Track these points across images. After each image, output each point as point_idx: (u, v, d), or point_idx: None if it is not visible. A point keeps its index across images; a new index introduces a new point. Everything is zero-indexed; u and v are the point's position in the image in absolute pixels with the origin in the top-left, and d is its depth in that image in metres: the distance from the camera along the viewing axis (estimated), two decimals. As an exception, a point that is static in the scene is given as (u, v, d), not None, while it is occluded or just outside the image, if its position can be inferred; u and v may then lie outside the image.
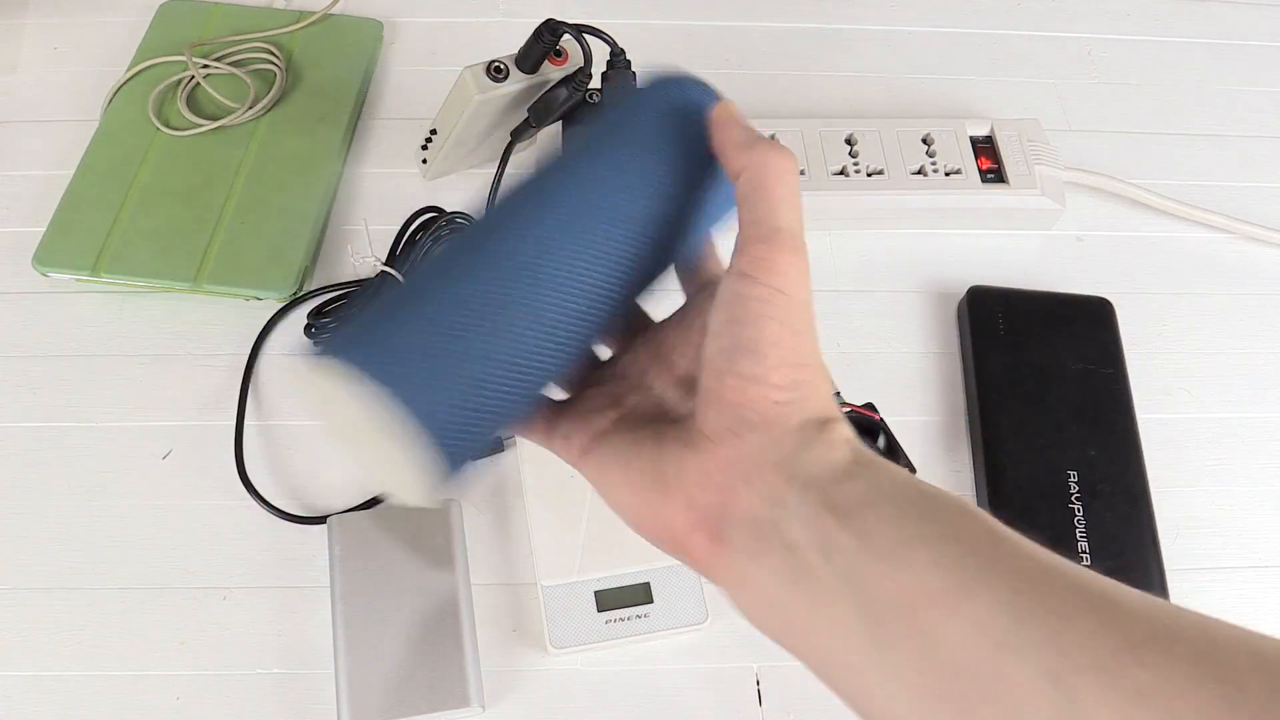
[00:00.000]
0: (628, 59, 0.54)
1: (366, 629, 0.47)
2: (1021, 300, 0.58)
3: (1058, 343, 0.57)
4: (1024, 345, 0.56)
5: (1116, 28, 0.74)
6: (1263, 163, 0.68)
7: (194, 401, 0.55)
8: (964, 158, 0.62)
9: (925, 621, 0.23)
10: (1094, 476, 0.52)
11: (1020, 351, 0.56)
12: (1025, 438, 0.53)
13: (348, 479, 0.53)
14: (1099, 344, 0.57)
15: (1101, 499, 0.52)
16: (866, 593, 0.24)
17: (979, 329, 0.57)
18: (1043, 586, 0.23)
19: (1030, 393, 0.55)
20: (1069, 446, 0.53)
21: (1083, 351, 0.56)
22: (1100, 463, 0.53)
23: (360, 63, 0.66)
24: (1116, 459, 0.53)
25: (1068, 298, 0.59)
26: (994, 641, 0.22)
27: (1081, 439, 0.53)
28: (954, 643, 0.23)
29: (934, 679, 0.23)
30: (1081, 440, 0.53)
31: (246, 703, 0.47)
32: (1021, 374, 0.55)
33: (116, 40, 0.68)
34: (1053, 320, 0.57)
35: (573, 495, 0.51)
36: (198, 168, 0.60)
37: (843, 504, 0.25)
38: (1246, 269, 0.64)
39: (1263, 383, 0.59)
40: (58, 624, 0.49)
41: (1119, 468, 0.53)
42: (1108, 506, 0.51)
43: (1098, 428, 0.54)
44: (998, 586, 0.23)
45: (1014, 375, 0.55)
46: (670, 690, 0.49)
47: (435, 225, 0.57)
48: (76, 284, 0.57)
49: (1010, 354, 0.56)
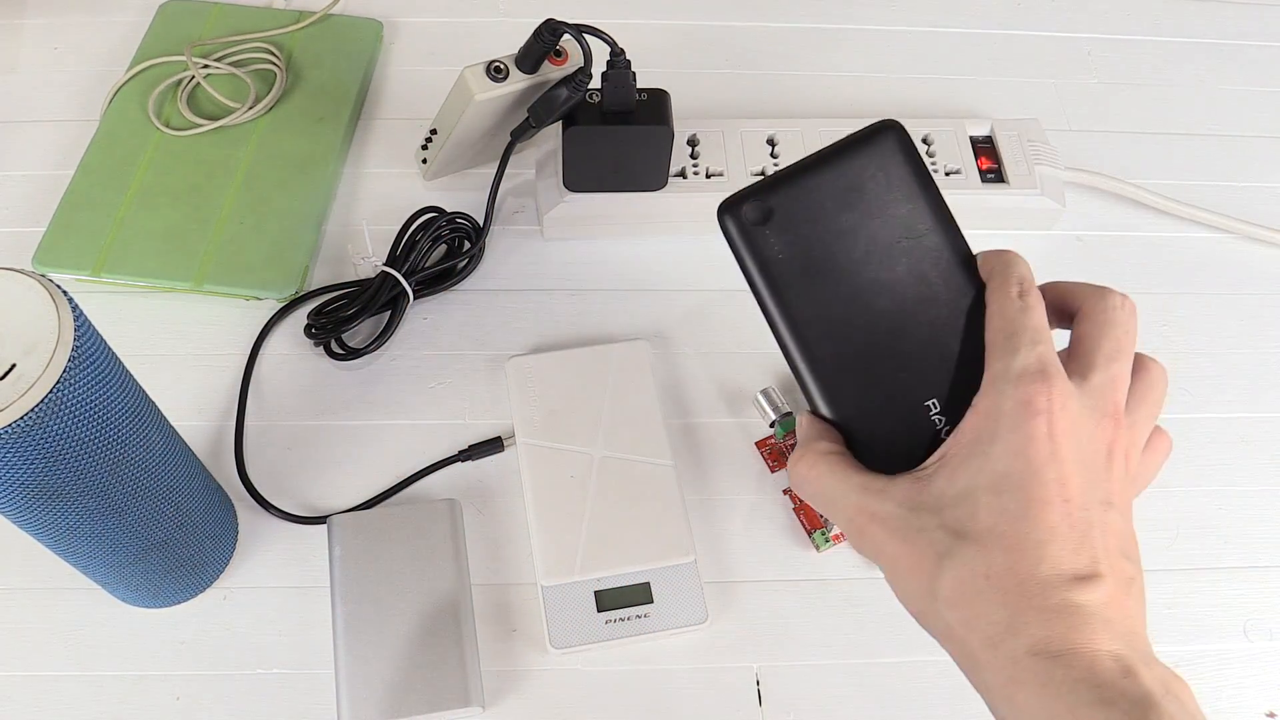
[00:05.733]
0: (628, 59, 0.54)
1: (366, 629, 0.47)
2: (786, 194, 0.52)
3: (849, 231, 0.47)
4: (808, 253, 0.50)
5: (1116, 28, 0.74)
6: (1263, 163, 0.68)
7: (194, 401, 0.55)
8: (964, 158, 0.62)
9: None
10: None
11: (809, 271, 0.50)
12: (866, 378, 0.46)
13: (348, 479, 0.53)
14: (900, 198, 0.52)
15: None
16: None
17: (755, 253, 0.49)
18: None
19: (840, 314, 0.48)
20: (914, 367, 0.47)
21: (887, 221, 0.52)
22: None
23: (360, 63, 0.66)
24: None
25: (836, 156, 0.53)
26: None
27: (927, 352, 0.46)
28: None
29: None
30: (929, 361, 0.46)
31: (246, 703, 0.47)
32: (823, 297, 0.48)
33: (116, 40, 0.68)
34: (833, 197, 0.50)
35: (573, 495, 0.51)
36: (198, 168, 0.60)
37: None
38: (1246, 269, 0.64)
39: (1263, 382, 0.59)
40: (57, 624, 0.49)
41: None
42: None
43: (940, 317, 0.49)
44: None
45: (813, 303, 0.47)
46: (670, 690, 0.49)
47: (435, 225, 0.57)
48: (76, 284, 0.57)
49: (800, 273, 0.50)
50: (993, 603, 0.31)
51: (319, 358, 0.56)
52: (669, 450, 0.53)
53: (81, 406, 0.34)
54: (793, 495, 0.53)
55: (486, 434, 0.54)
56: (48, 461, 0.34)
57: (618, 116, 0.55)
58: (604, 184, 0.59)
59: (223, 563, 0.50)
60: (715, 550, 0.52)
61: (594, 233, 0.61)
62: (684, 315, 0.59)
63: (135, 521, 0.41)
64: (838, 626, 0.50)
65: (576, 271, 0.60)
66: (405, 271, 0.56)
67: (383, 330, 0.56)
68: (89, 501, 0.38)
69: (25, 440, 0.33)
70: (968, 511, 0.32)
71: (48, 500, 0.36)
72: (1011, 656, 0.30)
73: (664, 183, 0.59)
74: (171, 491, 0.42)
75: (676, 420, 0.56)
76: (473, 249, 0.58)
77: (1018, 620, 0.30)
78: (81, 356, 0.34)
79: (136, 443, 0.38)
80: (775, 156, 0.61)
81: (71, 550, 0.41)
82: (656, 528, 0.50)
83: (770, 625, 0.50)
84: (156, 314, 0.57)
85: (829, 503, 0.36)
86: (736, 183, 0.60)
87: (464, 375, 0.57)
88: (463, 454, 0.53)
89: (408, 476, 0.53)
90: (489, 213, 0.59)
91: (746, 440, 0.55)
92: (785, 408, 0.55)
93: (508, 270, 0.60)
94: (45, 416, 0.33)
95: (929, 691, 0.49)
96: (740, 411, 0.56)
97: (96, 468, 0.36)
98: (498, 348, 0.57)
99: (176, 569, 0.47)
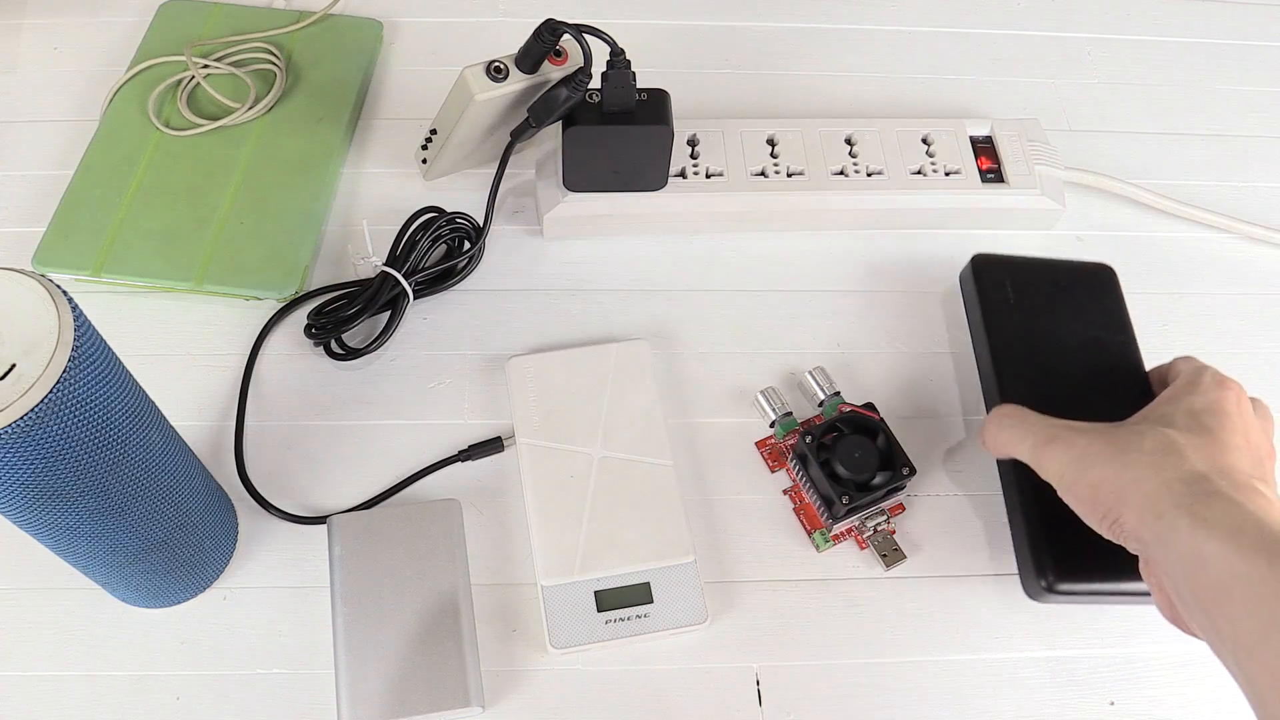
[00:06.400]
0: (627, 59, 0.54)
1: (366, 629, 0.47)
2: (1025, 268, 0.57)
3: (1065, 310, 0.55)
4: (1033, 313, 0.55)
5: (1116, 28, 0.74)
6: (1263, 163, 0.68)
7: (194, 401, 0.55)
8: (964, 158, 0.62)
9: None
10: None
11: (1030, 321, 0.55)
12: (1041, 408, 0.49)
13: (348, 479, 0.53)
14: (1105, 310, 0.56)
15: None
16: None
17: (987, 298, 0.56)
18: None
19: (1043, 362, 0.53)
20: (1088, 416, 0.48)
21: (1091, 318, 0.55)
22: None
23: (360, 63, 0.66)
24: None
25: (1070, 264, 0.57)
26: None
27: (1098, 409, 0.49)
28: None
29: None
30: (1098, 410, 0.49)
31: (246, 703, 0.47)
32: (1034, 343, 0.54)
33: (116, 40, 0.68)
34: (1057, 288, 0.56)
35: (573, 495, 0.51)
36: (198, 167, 0.60)
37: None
38: (1246, 269, 0.64)
39: (1263, 382, 0.59)
40: (58, 624, 0.49)
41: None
42: None
43: (1111, 396, 0.52)
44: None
45: (1025, 344, 0.54)
46: (670, 690, 0.49)
47: (435, 225, 0.57)
48: (76, 284, 0.57)
49: (1022, 324, 0.55)
50: (1189, 461, 0.41)
51: (319, 358, 0.56)
52: (669, 450, 0.53)
53: (81, 406, 0.34)
54: (793, 495, 0.53)
55: (486, 434, 0.54)
56: (48, 461, 0.34)
57: (618, 116, 0.55)
58: (604, 184, 0.59)
59: (223, 563, 0.50)
60: (715, 550, 0.52)
61: (594, 233, 0.61)
62: (684, 315, 0.59)
63: (135, 521, 0.41)
64: (838, 626, 0.50)
65: (576, 271, 0.60)
66: (405, 271, 0.56)
67: (382, 330, 0.56)
68: (89, 501, 0.38)
69: (25, 440, 0.33)
70: (1166, 422, 0.44)
71: (48, 500, 0.36)
72: (1198, 491, 0.40)
73: (664, 183, 0.59)
74: (171, 491, 0.42)
75: (676, 420, 0.56)
76: (473, 249, 0.58)
77: (1211, 477, 0.40)
78: (81, 356, 0.34)
79: (136, 443, 0.38)
80: (775, 156, 0.61)
81: (71, 550, 0.41)
82: (656, 528, 0.50)
83: (770, 625, 0.50)
84: (156, 314, 0.57)
85: (1025, 426, 0.47)
86: (737, 182, 0.60)
87: (464, 375, 0.57)
88: (463, 454, 0.53)
89: (408, 476, 0.53)
90: (489, 213, 0.59)
91: (746, 440, 0.55)
92: (785, 408, 0.55)
93: (508, 270, 0.60)
94: (45, 416, 0.33)
95: (929, 691, 0.49)
96: (740, 411, 0.56)
97: (96, 468, 0.36)
98: (498, 348, 0.57)
99: (176, 569, 0.47)
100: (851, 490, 0.50)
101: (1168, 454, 0.42)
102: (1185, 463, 0.41)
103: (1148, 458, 0.42)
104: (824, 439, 0.51)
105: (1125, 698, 0.50)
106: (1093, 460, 0.43)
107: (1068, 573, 0.48)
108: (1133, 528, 0.41)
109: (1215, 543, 0.38)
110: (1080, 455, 0.44)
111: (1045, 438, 0.45)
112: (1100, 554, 0.45)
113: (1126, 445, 0.43)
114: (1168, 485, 0.40)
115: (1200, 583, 0.38)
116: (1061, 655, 0.50)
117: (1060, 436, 0.45)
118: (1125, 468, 0.42)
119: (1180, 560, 0.39)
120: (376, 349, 0.56)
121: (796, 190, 0.61)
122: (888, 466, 0.51)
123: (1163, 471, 0.41)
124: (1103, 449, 0.43)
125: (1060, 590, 0.48)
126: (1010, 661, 0.50)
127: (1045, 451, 0.45)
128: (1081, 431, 0.45)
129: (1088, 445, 0.44)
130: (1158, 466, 0.41)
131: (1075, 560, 0.48)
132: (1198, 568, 0.38)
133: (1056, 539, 0.48)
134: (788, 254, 0.62)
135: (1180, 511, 0.39)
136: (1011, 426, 0.47)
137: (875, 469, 0.50)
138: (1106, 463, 0.43)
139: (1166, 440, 0.42)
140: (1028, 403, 0.49)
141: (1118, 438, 0.44)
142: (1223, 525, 0.38)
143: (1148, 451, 0.42)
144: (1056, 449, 0.45)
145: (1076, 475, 0.44)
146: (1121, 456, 0.42)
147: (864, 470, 0.50)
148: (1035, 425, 0.46)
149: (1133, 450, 0.42)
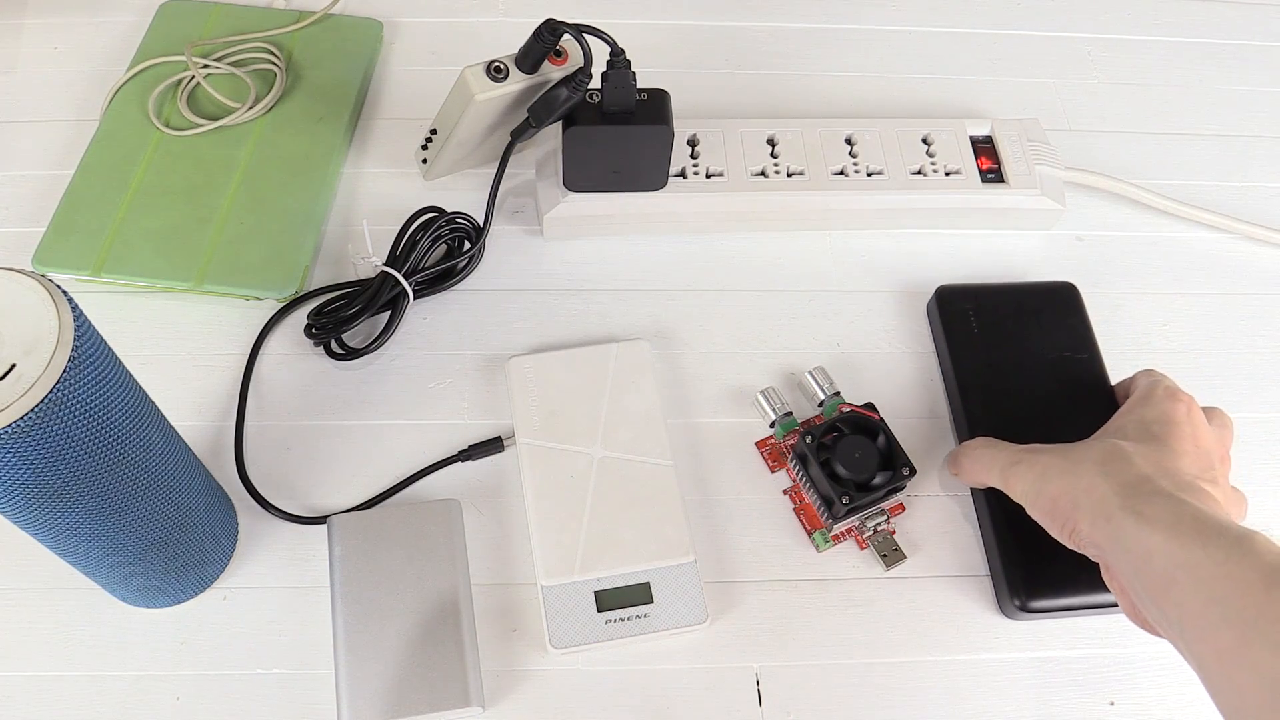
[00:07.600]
0: (628, 59, 0.54)
1: (366, 629, 0.47)
2: (989, 295, 0.58)
3: (1029, 333, 0.57)
4: (997, 340, 0.56)
5: (1116, 28, 0.74)
6: (1263, 163, 0.68)
7: (194, 401, 0.55)
8: (964, 158, 0.62)
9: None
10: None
11: (994, 348, 0.56)
12: (1010, 432, 0.52)
13: (348, 479, 0.53)
14: (1069, 329, 0.57)
15: None
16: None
17: (952, 330, 0.57)
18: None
19: (1009, 387, 0.55)
20: (1057, 436, 0.50)
21: (1056, 339, 0.57)
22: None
23: (360, 63, 0.66)
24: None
25: (1032, 286, 0.59)
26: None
27: (1066, 427, 0.51)
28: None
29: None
30: (1067, 429, 0.51)
31: (246, 703, 0.47)
32: (1000, 370, 0.56)
33: (116, 40, 0.68)
34: (1021, 312, 0.57)
35: (573, 495, 0.51)
36: (198, 167, 0.60)
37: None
38: (1246, 269, 0.64)
39: (1263, 382, 0.60)
40: (58, 624, 0.49)
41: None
42: None
43: (1078, 414, 0.52)
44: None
45: (991, 372, 0.55)
46: (670, 690, 0.49)
47: (435, 225, 0.57)
48: (76, 284, 0.57)
49: (988, 351, 0.56)
50: (1135, 466, 0.44)
51: (319, 358, 0.56)
52: (669, 450, 0.53)
53: (81, 406, 0.34)
54: (793, 495, 0.53)
55: (486, 434, 0.54)
56: (48, 461, 0.34)
57: (618, 116, 0.55)
58: (604, 184, 0.59)
59: (223, 563, 0.50)
60: (715, 550, 0.52)
61: (594, 233, 0.61)
62: (684, 315, 0.59)
63: (135, 521, 0.41)
64: (837, 626, 0.50)
65: (576, 271, 0.60)
66: (405, 271, 0.56)
67: (382, 330, 0.56)
68: (89, 501, 0.38)
69: (25, 440, 0.33)
70: (1119, 434, 0.47)
71: (48, 500, 0.36)
72: (1141, 491, 0.42)
73: (664, 183, 0.59)
74: (171, 491, 0.42)
75: (676, 420, 0.56)
76: (473, 249, 0.58)
77: (1154, 479, 0.43)
78: (81, 356, 0.34)
79: (136, 443, 0.38)
80: (775, 156, 0.61)
81: (71, 550, 0.41)
82: (656, 528, 0.50)
83: (770, 625, 0.50)
84: (156, 314, 0.57)
85: (994, 453, 0.49)
86: (737, 182, 0.60)
87: (464, 375, 0.57)
88: (463, 454, 0.53)
89: (408, 476, 0.53)
90: (489, 213, 0.59)
91: (746, 440, 0.55)
92: (785, 408, 0.55)
93: (508, 270, 0.60)
94: (45, 416, 0.33)
95: (929, 691, 0.49)
96: (740, 411, 0.56)
97: (96, 468, 0.36)
98: (498, 348, 0.57)
99: (176, 569, 0.47)
100: (851, 490, 0.50)
101: (1116, 461, 0.44)
102: (1132, 468, 0.44)
103: (1097, 466, 0.44)
104: (824, 439, 0.51)
105: (1125, 698, 0.50)
106: (1052, 475, 0.46)
107: (1038, 591, 0.49)
108: (1088, 533, 0.44)
109: (1158, 536, 0.40)
110: (1041, 473, 0.46)
111: (1011, 461, 0.48)
112: (1068, 570, 0.48)
113: (1080, 458, 0.46)
114: (1115, 490, 0.43)
115: (1149, 577, 0.40)
116: (1061, 655, 0.50)
117: (1024, 459, 0.48)
118: (1078, 478, 0.45)
119: (1130, 558, 0.41)
120: (376, 349, 0.56)
121: (796, 190, 0.61)
122: (888, 466, 0.51)
123: (1111, 478, 0.43)
124: (1059, 464, 0.46)
125: (1033, 609, 0.49)
126: (1010, 662, 0.50)
127: (1011, 474, 0.48)
128: (1043, 452, 0.48)
129: (1048, 463, 0.46)
130: (1106, 473, 0.44)
131: (1045, 578, 0.49)
132: (1145, 563, 0.40)
133: (1026, 561, 0.50)
134: (788, 254, 0.62)
135: (1126, 512, 0.42)
136: (980, 457, 0.50)
137: (875, 469, 0.50)
138: (1062, 475, 0.45)
139: (1116, 449, 0.45)
140: (995, 430, 0.52)
141: (1073, 453, 0.46)
142: (1163, 520, 0.40)
143: (1097, 461, 0.45)
144: (1021, 470, 0.47)
145: (1038, 491, 0.46)
146: (1075, 469, 0.45)
147: (864, 470, 0.50)
148: (1003, 452, 0.49)
149: (1085, 461, 0.45)
